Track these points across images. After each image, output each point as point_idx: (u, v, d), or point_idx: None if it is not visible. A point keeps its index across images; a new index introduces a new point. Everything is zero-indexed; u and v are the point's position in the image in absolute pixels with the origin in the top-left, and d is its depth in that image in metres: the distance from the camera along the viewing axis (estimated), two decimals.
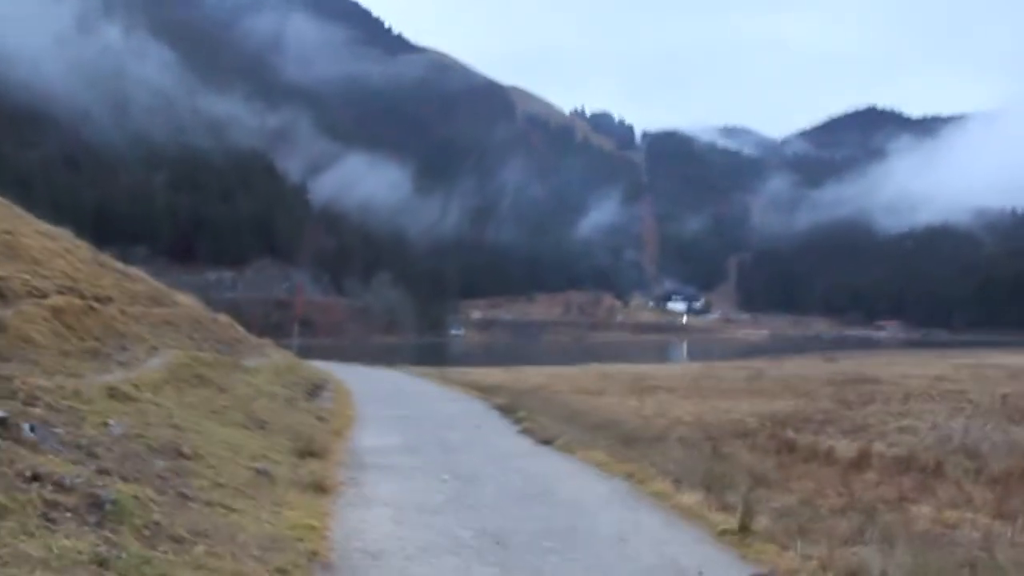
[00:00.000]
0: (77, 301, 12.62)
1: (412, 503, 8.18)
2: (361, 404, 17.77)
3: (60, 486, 5.00)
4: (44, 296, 12.42)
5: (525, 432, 14.28)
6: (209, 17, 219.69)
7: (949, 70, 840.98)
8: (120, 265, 21.58)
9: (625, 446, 14.88)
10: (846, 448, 19.48)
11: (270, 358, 20.15)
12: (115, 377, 10.25)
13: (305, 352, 54.27)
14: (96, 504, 4.97)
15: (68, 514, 4.75)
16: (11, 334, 9.89)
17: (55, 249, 17.28)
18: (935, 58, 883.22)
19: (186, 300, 24.24)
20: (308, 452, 10.07)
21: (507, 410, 17.55)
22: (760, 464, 16.24)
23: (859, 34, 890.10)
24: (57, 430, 6.20)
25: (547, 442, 12.95)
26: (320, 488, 8.23)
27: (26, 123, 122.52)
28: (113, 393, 8.67)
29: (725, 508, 9.22)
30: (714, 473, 12.77)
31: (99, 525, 4.79)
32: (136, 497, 5.34)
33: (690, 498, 8.89)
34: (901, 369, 54.01)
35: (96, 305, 13.34)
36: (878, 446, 20.57)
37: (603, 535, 7.23)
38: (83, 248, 20.21)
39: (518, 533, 7.12)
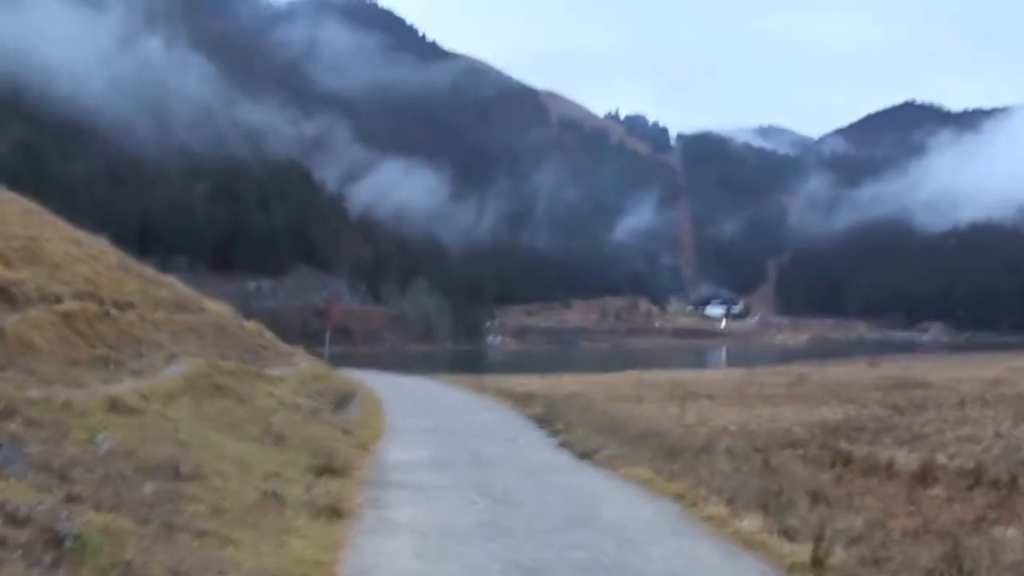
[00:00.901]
0: (92, 307, 12.00)
1: (438, 529, 7.31)
2: (391, 415, 16.99)
3: (12, 518, 4.22)
4: (58, 301, 11.83)
5: (563, 445, 13.39)
6: (245, 28, 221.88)
7: (990, 62, 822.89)
8: (149, 271, 21.09)
9: (669, 459, 13.96)
10: (906, 460, 18.31)
11: (298, 367, 19.48)
12: (124, 387, 9.57)
13: (339, 360, 53.84)
14: (54, 540, 4.18)
15: (17, 552, 3.97)
16: (11, 341, 9.25)
17: (79, 255, 16.77)
18: (975, 51, 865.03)
19: (215, 307, 23.71)
20: (327, 469, 9.28)
21: (544, 420, 16.67)
22: (815, 479, 15.19)
23: (896, 29, 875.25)
24: (30, 449, 5.45)
25: (586, 456, 12.05)
26: (335, 512, 7.42)
27: (70, 137, 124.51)
28: (114, 405, 7.96)
29: (788, 533, 8.26)
30: (769, 490, 11.79)
31: (54, 566, 4.00)
32: (107, 530, 4.55)
33: (749, 523, 7.92)
34: (951, 372, 52.14)
35: (113, 311, 12.73)
36: (940, 457, 19.37)
37: (655, 571, 6.29)
38: (111, 254, 19.75)
39: (557, 567, 6.20)
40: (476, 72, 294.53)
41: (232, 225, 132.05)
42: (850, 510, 11.56)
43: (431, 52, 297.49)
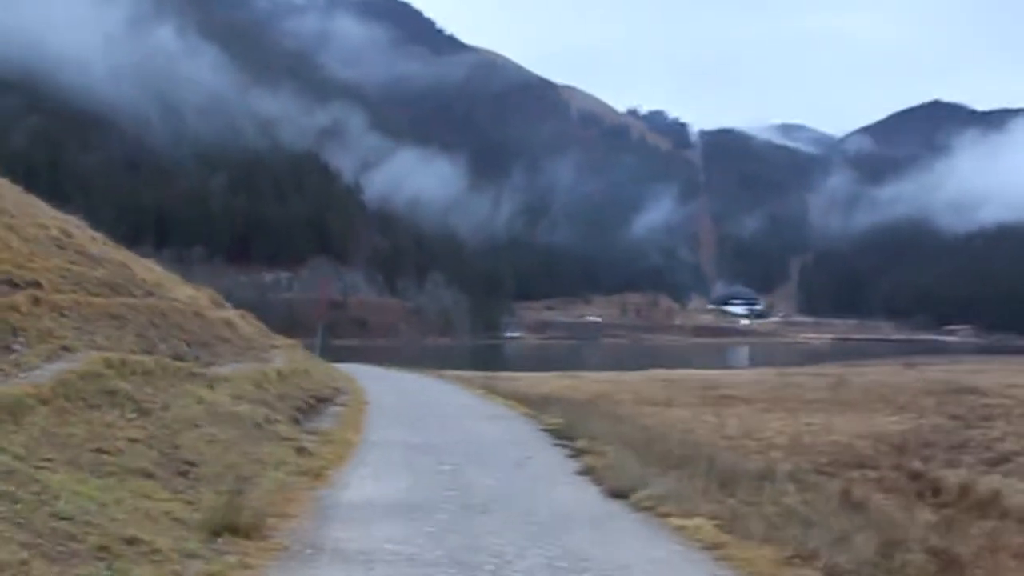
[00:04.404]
0: None
1: None
2: (374, 425, 13.75)
3: None
4: None
5: (587, 472, 10.09)
6: (256, 17, 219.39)
7: (1019, 62, 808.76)
8: (99, 249, 18.04)
9: (724, 491, 10.75)
10: (1008, 487, 14.96)
11: (269, 363, 16.25)
12: None
13: (346, 354, 50.79)
14: None
15: None
16: None
17: None
18: (1004, 49, 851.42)
19: (188, 292, 20.62)
20: (228, 525, 6.01)
21: (563, 434, 13.40)
22: (914, 519, 11.84)
23: (924, 27, 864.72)
24: None
25: (621, 494, 8.72)
26: None
27: (87, 128, 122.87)
28: None
29: None
30: (883, 553, 8.47)
31: None
32: None
33: None
34: (998, 377, 49.11)
35: None
36: None
37: None
38: (51, 227, 16.71)
39: None
40: (494, 65, 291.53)
41: (249, 217, 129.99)
42: None
43: (446, 45, 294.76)
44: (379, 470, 9.59)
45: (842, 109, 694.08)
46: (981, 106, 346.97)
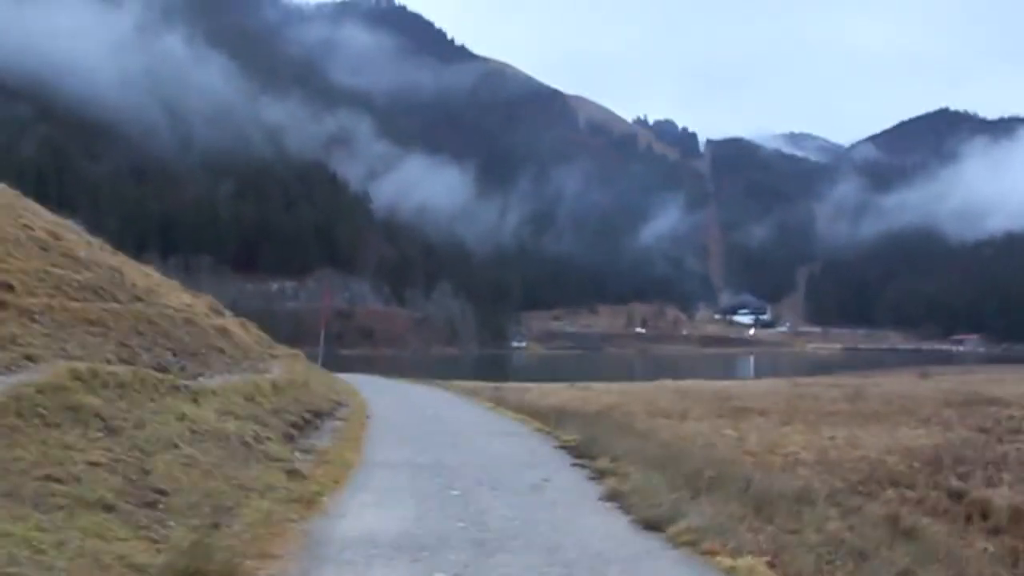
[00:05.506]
0: None
1: None
2: (376, 442, 12.72)
3: None
4: None
5: (613, 498, 9.03)
6: (264, 25, 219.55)
7: None
8: (85, 254, 17.07)
9: (761, 516, 9.73)
10: None
11: (265, 374, 15.24)
12: None
13: (350, 364, 49.85)
14: None
15: None
16: None
17: None
18: (1012, 58, 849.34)
19: (185, 299, 19.66)
20: (196, 573, 4.98)
21: (580, 452, 12.35)
22: (972, 549, 10.77)
23: (933, 35, 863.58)
24: None
25: (654, 525, 7.66)
26: None
27: (95, 136, 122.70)
28: None
29: None
30: None
31: None
32: None
33: None
34: (1017, 387, 48.00)
35: None
36: None
37: None
38: (36, 229, 15.77)
39: None
40: (501, 74, 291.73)
41: (257, 225, 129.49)
42: None
43: (455, 53, 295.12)
44: (381, 496, 8.55)
45: (850, 118, 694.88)
46: (989, 114, 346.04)
